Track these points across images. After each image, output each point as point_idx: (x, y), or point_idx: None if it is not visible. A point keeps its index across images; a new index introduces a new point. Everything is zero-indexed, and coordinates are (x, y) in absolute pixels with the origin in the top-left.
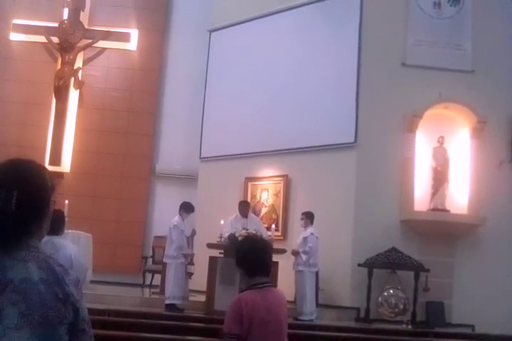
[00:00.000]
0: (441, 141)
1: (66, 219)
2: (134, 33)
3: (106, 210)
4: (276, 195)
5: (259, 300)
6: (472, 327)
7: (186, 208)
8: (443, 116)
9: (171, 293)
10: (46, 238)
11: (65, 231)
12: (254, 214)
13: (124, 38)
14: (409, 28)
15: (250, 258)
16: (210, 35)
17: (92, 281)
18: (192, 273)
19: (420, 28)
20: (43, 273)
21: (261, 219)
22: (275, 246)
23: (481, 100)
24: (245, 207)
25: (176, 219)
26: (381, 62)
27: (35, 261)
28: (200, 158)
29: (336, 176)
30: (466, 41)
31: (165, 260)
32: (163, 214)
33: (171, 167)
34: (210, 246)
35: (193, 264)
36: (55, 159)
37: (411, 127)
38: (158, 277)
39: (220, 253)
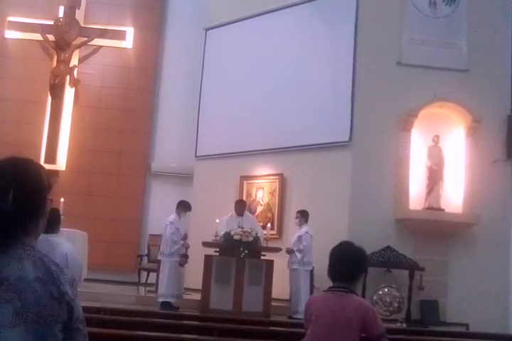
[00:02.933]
0: (436, 140)
1: (62, 217)
2: (130, 31)
3: (101, 208)
4: (272, 193)
5: (325, 300)
6: (466, 325)
7: (185, 207)
8: (438, 115)
9: (165, 291)
10: (42, 236)
11: (61, 229)
12: (250, 212)
13: (120, 36)
14: (405, 26)
15: (331, 262)
16: (206, 33)
17: (87, 279)
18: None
19: (416, 27)
20: (38, 272)
21: (256, 217)
22: (270, 244)
23: (476, 99)
24: (241, 206)
25: (173, 216)
26: (376, 60)
27: (31, 260)
28: (195, 156)
29: (331, 175)
30: (462, 40)
31: (159, 257)
32: (159, 213)
33: (167, 165)
34: (206, 244)
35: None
36: (51, 157)
37: (406, 126)
38: (153, 275)
39: (215, 251)
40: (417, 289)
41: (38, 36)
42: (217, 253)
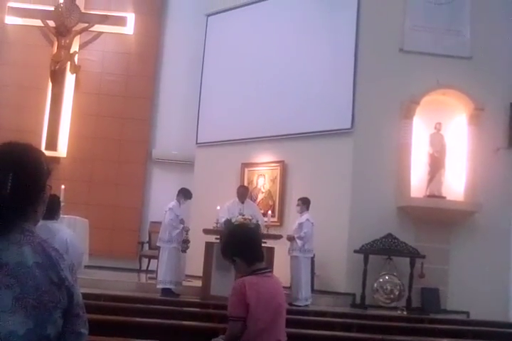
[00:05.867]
0: (438, 127)
1: (62, 204)
2: (131, 17)
3: (102, 195)
4: (273, 180)
5: (260, 285)
6: (467, 313)
7: (185, 194)
8: (440, 102)
9: (164, 278)
10: (41, 222)
11: (61, 216)
12: (251, 200)
13: (121, 21)
14: (408, 13)
15: (249, 245)
16: (208, 19)
17: (88, 266)
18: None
19: (418, 14)
20: (37, 257)
21: (257, 205)
22: (271, 232)
23: (478, 87)
24: (244, 192)
25: (173, 203)
26: (379, 47)
27: (30, 245)
28: (196, 143)
29: (332, 162)
30: (465, 27)
31: (158, 243)
32: (160, 200)
33: (168, 152)
34: (207, 231)
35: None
36: (52, 144)
37: (408, 113)
38: (154, 262)
39: (216, 238)
40: (417, 277)
41: (38, 22)
42: (218, 240)
